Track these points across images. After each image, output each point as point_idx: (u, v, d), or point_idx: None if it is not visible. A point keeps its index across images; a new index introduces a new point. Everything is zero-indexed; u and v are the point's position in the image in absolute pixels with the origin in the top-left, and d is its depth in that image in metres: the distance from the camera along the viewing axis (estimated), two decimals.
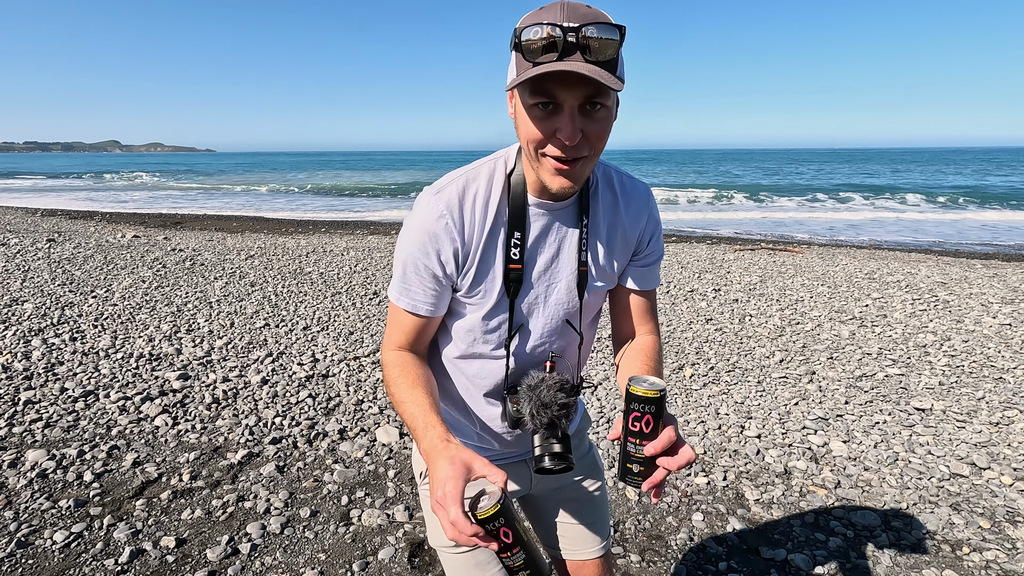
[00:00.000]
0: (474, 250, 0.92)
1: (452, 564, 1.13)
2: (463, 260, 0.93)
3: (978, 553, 2.17)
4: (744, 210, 18.15)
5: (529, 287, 0.96)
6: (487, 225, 0.92)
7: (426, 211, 0.91)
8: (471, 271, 0.93)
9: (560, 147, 0.80)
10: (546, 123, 0.79)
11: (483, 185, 0.92)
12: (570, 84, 0.76)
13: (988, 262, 8.64)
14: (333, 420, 3.22)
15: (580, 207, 0.96)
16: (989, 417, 3.28)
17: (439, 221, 0.90)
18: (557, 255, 0.97)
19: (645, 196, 1.02)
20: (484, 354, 1.01)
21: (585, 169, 0.85)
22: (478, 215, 0.91)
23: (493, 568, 1.12)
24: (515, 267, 0.93)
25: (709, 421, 3.31)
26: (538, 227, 0.94)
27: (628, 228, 1.00)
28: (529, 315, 0.98)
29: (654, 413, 0.80)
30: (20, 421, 3.02)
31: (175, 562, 2.06)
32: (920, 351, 4.42)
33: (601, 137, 0.82)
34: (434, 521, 1.15)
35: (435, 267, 0.92)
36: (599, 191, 0.98)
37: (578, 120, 0.78)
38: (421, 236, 0.91)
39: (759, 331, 5.02)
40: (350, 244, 9.84)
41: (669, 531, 2.35)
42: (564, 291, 0.98)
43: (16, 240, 8.80)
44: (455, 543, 0.76)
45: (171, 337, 4.51)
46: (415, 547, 2.20)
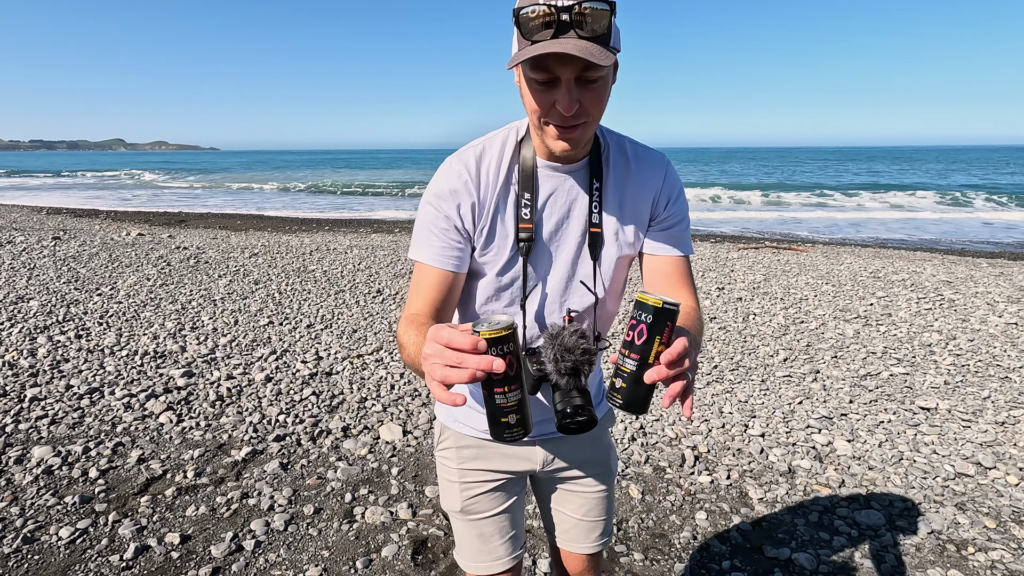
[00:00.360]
0: (489, 207, 0.99)
1: (460, 529, 1.19)
2: (479, 215, 0.99)
3: (983, 553, 2.16)
4: (747, 210, 18.10)
5: (541, 246, 1.00)
6: (499, 185, 0.99)
7: (447, 171, 0.99)
8: (485, 228, 0.99)
9: (559, 117, 0.87)
10: (546, 95, 0.86)
11: (496, 149, 1.00)
12: (565, 60, 0.81)
13: (994, 261, 8.59)
14: (336, 417, 3.23)
15: (591, 171, 1.00)
16: (995, 416, 3.26)
17: (459, 179, 0.98)
18: (567, 216, 1.01)
19: (659, 161, 1.05)
20: (499, 308, 1.04)
21: (585, 133, 0.91)
22: (491, 175, 0.99)
23: (496, 541, 1.17)
24: (525, 226, 0.98)
25: (713, 420, 3.30)
26: (548, 188, 0.99)
27: (641, 192, 1.03)
28: (542, 274, 1.02)
29: (650, 325, 0.72)
30: (26, 418, 3.03)
31: (179, 558, 2.07)
32: (925, 350, 4.40)
33: (598, 104, 0.88)
34: (447, 487, 1.20)
35: (455, 219, 0.98)
36: (611, 157, 1.02)
37: (575, 91, 0.84)
38: (443, 192, 0.98)
39: (763, 330, 5.00)
40: (353, 242, 9.85)
41: (672, 529, 2.35)
42: (575, 251, 1.01)
43: (22, 238, 8.85)
44: (452, 400, 0.67)
45: (175, 335, 4.52)
46: (418, 544, 2.20)
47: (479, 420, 1.14)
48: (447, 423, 1.20)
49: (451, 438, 1.20)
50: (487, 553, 1.18)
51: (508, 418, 0.73)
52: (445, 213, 0.98)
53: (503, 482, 1.18)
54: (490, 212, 0.98)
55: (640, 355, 0.73)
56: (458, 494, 1.18)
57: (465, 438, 1.18)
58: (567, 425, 0.89)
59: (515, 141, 1.01)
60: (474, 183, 0.98)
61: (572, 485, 1.23)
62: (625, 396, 0.75)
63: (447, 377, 0.67)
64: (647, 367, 0.73)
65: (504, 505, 1.19)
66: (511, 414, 0.73)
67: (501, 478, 1.18)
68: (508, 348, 0.69)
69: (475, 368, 0.66)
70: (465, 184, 0.97)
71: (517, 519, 1.22)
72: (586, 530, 1.24)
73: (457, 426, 1.18)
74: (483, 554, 1.18)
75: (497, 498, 1.18)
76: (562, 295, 1.03)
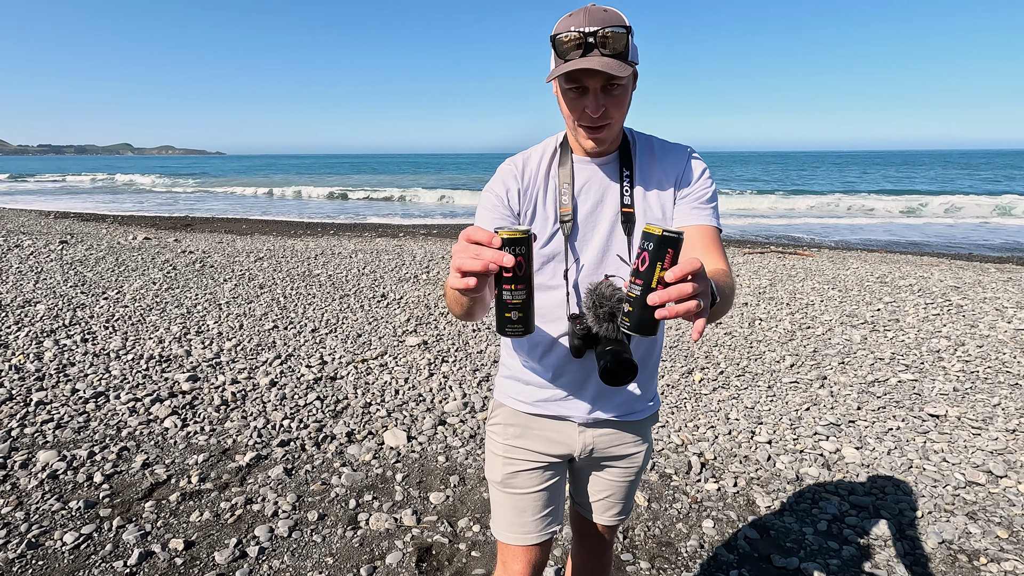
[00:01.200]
0: (532, 193, 1.19)
1: (497, 499, 1.31)
2: (523, 200, 1.18)
3: (996, 564, 2.13)
4: (752, 216, 18.05)
5: (577, 226, 1.17)
6: (539, 177, 1.19)
7: (501, 168, 1.22)
8: (529, 210, 1.18)
9: (588, 119, 1.08)
10: (577, 103, 1.07)
11: (538, 152, 1.22)
12: (591, 74, 1.03)
13: (1002, 266, 8.52)
14: (341, 423, 3.22)
15: (621, 162, 1.18)
16: (1005, 424, 3.22)
17: (508, 171, 1.21)
18: (601, 200, 1.17)
19: (683, 150, 1.21)
20: (544, 284, 1.17)
21: (611, 132, 1.11)
22: (533, 170, 1.20)
23: (528, 516, 1.27)
24: (564, 210, 1.16)
25: (719, 426, 3.28)
26: (583, 178, 1.18)
27: (666, 173, 1.19)
28: (581, 250, 1.17)
29: (651, 252, 0.78)
30: (32, 422, 3.04)
31: (183, 565, 2.06)
32: (934, 356, 4.36)
33: (619, 108, 1.08)
34: (492, 459, 1.32)
35: (504, 198, 1.18)
36: (639, 151, 1.20)
37: (600, 99, 1.05)
38: (498, 180, 1.20)
39: (769, 335, 4.97)
40: (358, 246, 9.87)
41: (679, 538, 2.32)
42: (609, 229, 1.16)
43: (30, 242, 8.90)
44: (471, 276, 0.78)
45: (181, 339, 4.53)
46: (423, 552, 2.19)
47: (530, 393, 1.26)
48: (501, 399, 1.32)
49: (502, 415, 1.31)
50: (519, 526, 1.27)
51: (511, 314, 0.84)
52: (497, 193, 1.19)
53: (544, 464, 1.27)
54: (533, 198, 1.18)
55: (644, 280, 0.79)
56: (500, 467, 1.29)
57: (515, 415, 1.29)
58: (608, 369, 0.97)
59: (555, 145, 1.22)
60: (519, 175, 1.20)
61: (605, 474, 1.33)
62: (633, 319, 0.82)
63: (463, 264, 0.78)
64: (650, 291, 0.78)
65: (542, 485, 1.28)
66: (514, 311, 0.83)
67: (542, 460, 1.27)
68: (520, 250, 0.79)
69: (488, 260, 0.78)
70: (513, 175, 1.20)
71: (553, 499, 1.30)
72: (606, 507, 1.36)
73: (510, 402, 1.29)
74: (515, 526, 1.28)
75: (535, 477, 1.27)
76: (599, 266, 1.16)
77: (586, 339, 1.07)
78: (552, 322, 1.19)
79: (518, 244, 0.79)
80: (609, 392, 1.22)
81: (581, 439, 1.26)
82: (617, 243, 1.17)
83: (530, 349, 1.23)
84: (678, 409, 3.51)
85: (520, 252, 0.79)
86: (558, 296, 1.17)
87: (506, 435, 1.29)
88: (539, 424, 1.26)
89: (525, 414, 1.28)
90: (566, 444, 1.26)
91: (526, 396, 1.27)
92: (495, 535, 1.32)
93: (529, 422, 1.27)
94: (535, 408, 1.26)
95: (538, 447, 1.27)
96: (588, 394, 1.22)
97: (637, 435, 1.29)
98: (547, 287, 1.18)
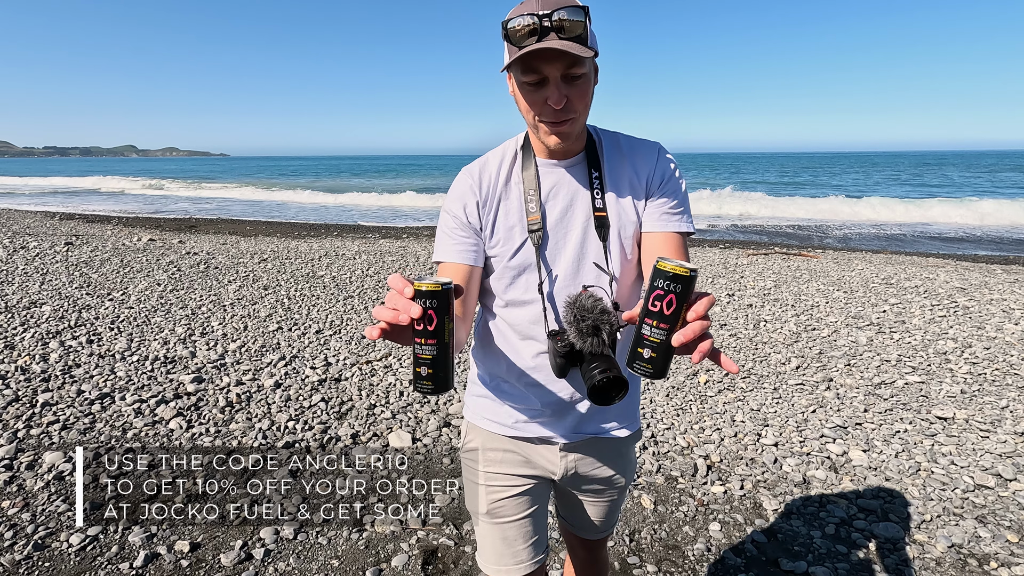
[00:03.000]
0: (492, 203, 1.11)
1: (483, 531, 1.24)
2: (484, 211, 1.10)
3: (1007, 568, 2.11)
4: (754, 219, 18.00)
5: (548, 235, 1.09)
6: (499, 185, 1.11)
7: (456, 181, 1.15)
8: (491, 220, 1.10)
9: (550, 112, 0.98)
10: (537, 95, 0.98)
11: (496, 157, 1.14)
12: (550, 59, 0.93)
13: (1009, 267, 8.47)
14: (346, 424, 3.22)
15: (588, 163, 1.10)
16: (1014, 427, 3.20)
17: (465, 183, 1.12)
18: (571, 205, 1.09)
19: (652, 147, 1.14)
20: (518, 300, 1.11)
21: (575, 126, 1.01)
22: (492, 177, 1.12)
23: (519, 544, 1.20)
24: (533, 218, 1.08)
25: (725, 428, 3.26)
26: (549, 182, 1.10)
27: (636, 173, 1.11)
28: (553, 261, 1.09)
29: (679, 294, 0.73)
30: (38, 423, 3.04)
31: (189, 567, 2.06)
32: (940, 358, 4.33)
33: (582, 98, 0.99)
34: (472, 488, 1.25)
35: (463, 216, 1.10)
36: (605, 150, 1.13)
37: (562, 88, 0.96)
38: (454, 196, 1.13)
39: (774, 337, 4.95)
40: (362, 248, 9.88)
41: (686, 541, 2.31)
42: (581, 236, 1.09)
43: (35, 243, 8.94)
44: (391, 322, 0.76)
45: (185, 340, 4.54)
46: (428, 554, 2.18)
47: (509, 415, 1.19)
48: (474, 421, 1.24)
49: (477, 438, 1.24)
50: (510, 556, 1.21)
51: (420, 368, 0.80)
52: (454, 215, 1.11)
53: (528, 487, 1.21)
54: (494, 207, 1.10)
55: (670, 323, 0.75)
56: (484, 497, 1.22)
57: (491, 438, 1.21)
58: (596, 387, 0.92)
59: (514, 150, 1.13)
60: (477, 186, 1.11)
61: (589, 495, 1.28)
62: (657, 365, 0.77)
63: (376, 312, 0.76)
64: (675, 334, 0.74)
65: (529, 510, 1.22)
66: (423, 366, 0.79)
67: (525, 483, 1.21)
68: (430, 303, 0.75)
69: (395, 308, 0.75)
70: (470, 187, 1.11)
71: (540, 525, 1.25)
72: (591, 524, 1.34)
73: (487, 424, 1.21)
74: (506, 557, 1.21)
75: (522, 503, 1.21)
76: (575, 277, 1.09)
77: (569, 356, 1.00)
78: (529, 339, 1.12)
79: (429, 297, 0.75)
80: (594, 411, 1.16)
81: (564, 462, 1.19)
82: (592, 250, 1.08)
83: (507, 369, 1.15)
84: (684, 411, 3.50)
85: (430, 305, 0.75)
86: (534, 311, 1.09)
87: (485, 460, 1.22)
88: (520, 447, 1.20)
89: (505, 437, 1.20)
90: (548, 467, 1.20)
91: (504, 418, 1.19)
92: (484, 570, 1.24)
93: (509, 446, 1.20)
94: (515, 431, 1.18)
95: (520, 471, 1.20)
96: (572, 414, 1.16)
97: (620, 454, 1.24)
98: (521, 302, 1.10)
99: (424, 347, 0.78)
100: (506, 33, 0.95)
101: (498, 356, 1.16)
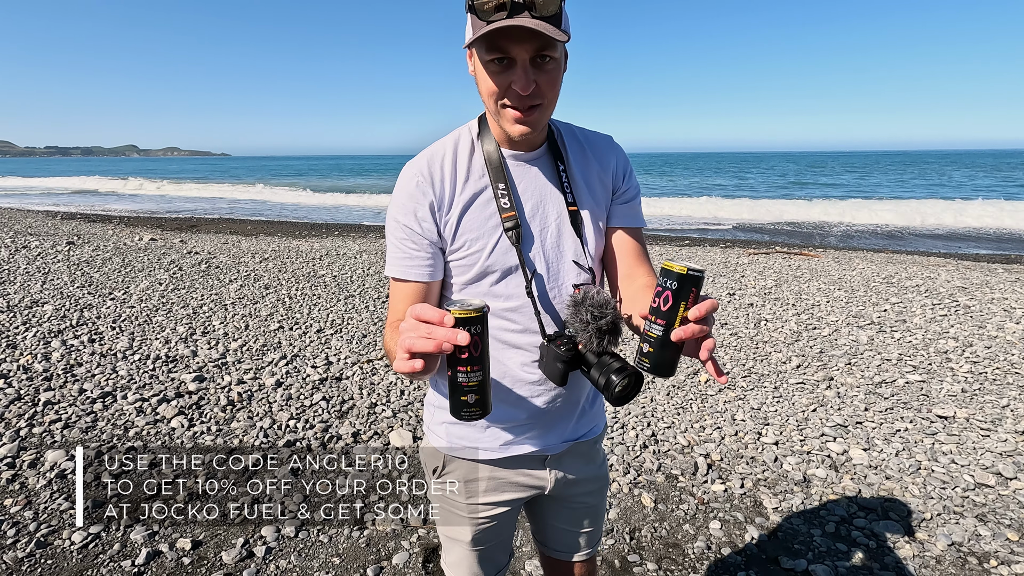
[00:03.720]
0: (452, 202, 0.98)
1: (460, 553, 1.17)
2: (440, 213, 0.99)
3: (1006, 566, 2.11)
4: (754, 219, 17.99)
5: (527, 232, 1.01)
6: (458, 180, 0.99)
7: (402, 181, 1.01)
8: (451, 221, 0.99)
9: (516, 98, 0.89)
10: (502, 77, 0.88)
11: (449, 150, 1.01)
12: (520, 39, 0.84)
13: (1010, 267, 8.46)
14: (347, 423, 3.23)
15: (553, 155, 1.03)
16: (1015, 426, 3.20)
17: (413, 183, 0.99)
18: (543, 200, 1.02)
19: (608, 140, 1.10)
20: (501, 307, 1.02)
21: (543, 116, 0.93)
22: (448, 172, 0.99)
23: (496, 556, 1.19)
24: (508, 214, 0.98)
25: (725, 427, 3.26)
26: (518, 176, 1.02)
27: (601, 168, 1.07)
28: (534, 259, 1.01)
29: (674, 292, 0.75)
30: (40, 422, 3.05)
31: (191, 564, 2.07)
32: (941, 357, 4.33)
33: (552, 86, 0.90)
34: (452, 518, 1.17)
35: (415, 226, 0.98)
36: (566, 141, 1.06)
37: (530, 72, 0.87)
38: (401, 200, 1.00)
39: (775, 336, 4.95)
40: (363, 247, 9.88)
41: (686, 539, 2.31)
42: (557, 233, 1.02)
43: (37, 243, 8.96)
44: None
45: (187, 339, 4.55)
46: (429, 552, 2.18)
47: (494, 437, 1.09)
48: (453, 452, 1.13)
49: (458, 471, 1.13)
50: (491, 568, 1.22)
51: (467, 397, 0.76)
52: (405, 224, 0.99)
53: (510, 509, 1.18)
54: (455, 206, 0.98)
55: (667, 320, 0.76)
56: (469, 529, 1.15)
57: (475, 468, 1.12)
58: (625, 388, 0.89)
59: (470, 138, 1.02)
60: (428, 184, 0.98)
61: (571, 502, 1.22)
62: (653, 360, 0.79)
63: (413, 345, 0.70)
64: (673, 330, 0.76)
65: (508, 531, 1.21)
66: (471, 393, 0.76)
67: (508, 509, 1.17)
68: (475, 329, 0.72)
69: (441, 339, 0.69)
70: (419, 186, 0.98)
71: (512, 534, 1.25)
72: (578, 538, 1.26)
73: (466, 452, 1.11)
74: (481, 574, 1.22)
75: (504, 526, 1.19)
76: (556, 277, 1.02)
77: (573, 360, 0.94)
78: (516, 348, 1.02)
79: (472, 324, 0.72)
80: (583, 415, 1.13)
81: (552, 474, 1.14)
82: (569, 247, 1.02)
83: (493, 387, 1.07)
84: (684, 410, 3.50)
85: (476, 331, 0.72)
86: (522, 317, 1.01)
87: (469, 492, 1.12)
88: (505, 472, 1.12)
89: (489, 464, 1.11)
90: (537, 484, 1.15)
91: (487, 442, 1.09)
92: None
93: (494, 472, 1.11)
94: (501, 452, 1.09)
95: (506, 496, 1.13)
96: (561, 422, 1.10)
97: (597, 451, 1.23)
98: (505, 309, 1.01)
99: (470, 375, 0.75)
100: (471, 4, 0.84)
101: None
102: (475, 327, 0.72)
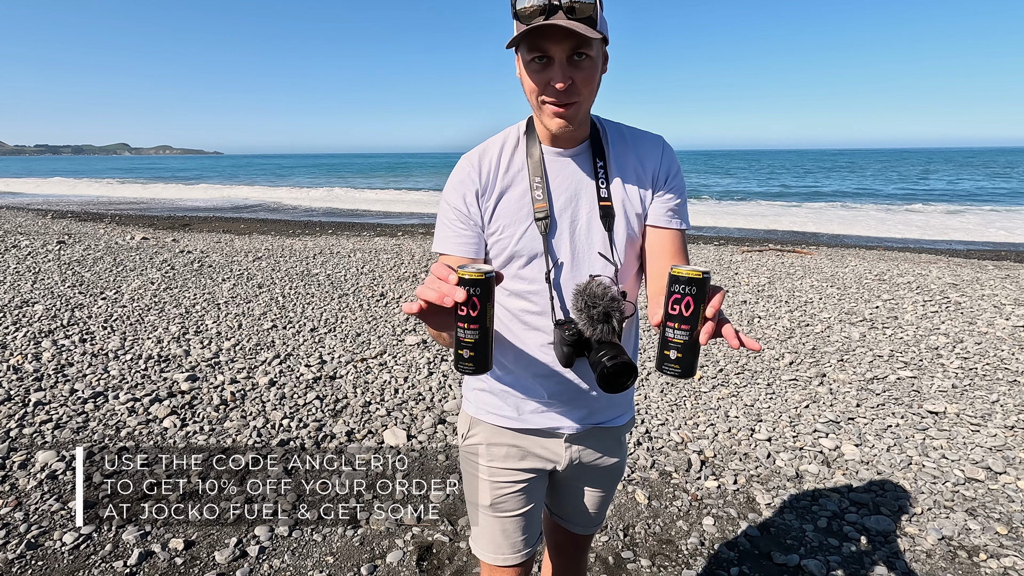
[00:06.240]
0: (493, 190, 1.09)
1: (484, 522, 1.24)
2: (484, 198, 1.09)
3: (995, 560, 2.14)
4: (750, 216, 18.06)
5: (555, 223, 1.08)
6: (501, 172, 1.10)
7: (455, 170, 1.13)
8: (491, 208, 1.09)
9: (554, 93, 0.97)
10: (541, 75, 0.97)
11: (498, 144, 1.13)
12: (557, 38, 0.93)
13: (1000, 263, 8.54)
14: (340, 422, 3.22)
15: (593, 152, 1.10)
16: (1004, 421, 3.23)
17: (465, 172, 1.11)
18: (576, 195, 1.09)
19: (656, 139, 1.14)
20: (524, 289, 1.10)
21: (579, 111, 1.01)
22: (493, 164, 1.10)
23: (517, 536, 1.22)
24: (540, 206, 1.07)
25: (719, 424, 3.28)
26: (555, 171, 1.09)
27: (643, 165, 1.11)
28: (559, 249, 1.09)
29: (695, 296, 0.79)
30: (30, 422, 3.03)
31: (184, 564, 2.06)
32: (932, 353, 4.37)
33: (588, 83, 0.98)
34: (474, 482, 1.24)
35: (462, 207, 1.10)
36: (610, 139, 1.12)
37: (567, 69, 0.95)
38: (454, 185, 1.11)
39: (768, 333, 4.98)
40: (356, 246, 9.86)
41: (679, 535, 2.32)
42: (587, 226, 1.09)
43: (27, 242, 8.87)
44: (430, 301, 0.81)
45: (179, 339, 4.52)
46: (424, 550, 2.18)
47: (514, 407, 1.18)
48: (479, 416, 1.23)
49: (481, 433, 1.22)
50: (508, 547, 1.23)
51: (464, 352, 0.85)
52: (454, 206, 1.10)
53: (529, 480, 1.22)
54: (495, 194, 1.09)
55: (691, 324, 0.81)
56: (488, 492, 1.22)
57: (496, 433, 1.20)
58: (607, 374, 0.93)
59: (516, 136, 1.12)
60: (477, 173, 1.10)
61: (589, 483, 1.28)
62: (684, 364, 0.83)
63: (419, 292, 0.81)
64: (698, 332, 0.80)
65: (531, 505, 1.23)
66: (467, 349, 0.84)
67: (527, 477, 1.22)
68: (474, 291, 0.80)
69: (442, 292, 0.79)
70: (468, 175, 1.10)
71: (537, 517, 1.27)
72: (586, 516, 1.33)
73: (491, 418, 1.20)
74: (504, 547, 1.23)
75: (523, 498, 1.22)
76: (580, 266, 1.09)
77: (576, 345, 1.00)
78: (535, 330, 1.11)
79: (473, 285, 0.80)
80: (604, 400, 1.17)
81: (568, 452, 1.20)
82: (597, 240, 1.08)
83: (515, 360, 1.15)
84: (677, 407, 3.52)
85: (474, 292, 0.80)
86: (540, 301, 1.09)
87: (490, 456, 1.21)
88: (524, 441, 1.19)
89: (510, 431, 1.19)
90: (552, 458, 1.21)
91: (509, 411, 1.18)
92: (479, 556, 1.26)
93: (514, 439, 1.19)
94: (521, 423, 1.18)
95: (523, 465, 1.21)
96: (579, 403, 1.16)
97: (618, 441, 1.26)
98: (526, 291, 1.10)
99: (467, 331, 0.83)
100: (515, 11, 0.94)
101: (502, 347, 1.15)
102: (474, 288, 0.79)
